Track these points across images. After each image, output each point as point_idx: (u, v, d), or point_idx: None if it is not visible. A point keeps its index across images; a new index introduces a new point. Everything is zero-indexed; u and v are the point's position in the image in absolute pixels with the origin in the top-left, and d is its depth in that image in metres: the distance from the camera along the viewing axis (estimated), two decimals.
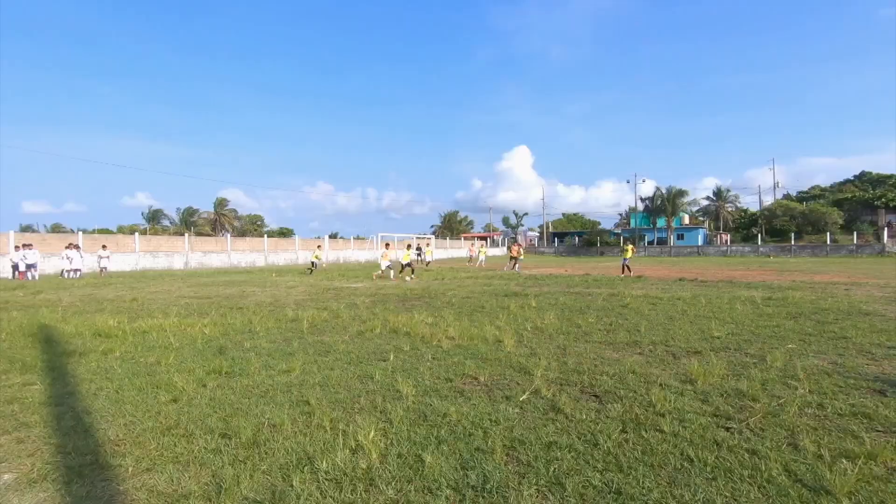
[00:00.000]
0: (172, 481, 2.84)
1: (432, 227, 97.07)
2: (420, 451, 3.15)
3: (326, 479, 2.84)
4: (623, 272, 21.01)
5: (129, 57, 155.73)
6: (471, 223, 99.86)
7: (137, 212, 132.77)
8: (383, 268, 19.90)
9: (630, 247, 22.55)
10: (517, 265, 26.03)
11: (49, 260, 25.68)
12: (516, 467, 2.97)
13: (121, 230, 64.77)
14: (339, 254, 47.60)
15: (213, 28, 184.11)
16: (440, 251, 59.02)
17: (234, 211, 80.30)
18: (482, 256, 37.43)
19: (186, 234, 39.27)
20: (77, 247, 24.92)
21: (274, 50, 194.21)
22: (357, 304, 11.33)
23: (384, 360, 5.73)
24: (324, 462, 3.01)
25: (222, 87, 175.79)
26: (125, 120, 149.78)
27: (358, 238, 58.86)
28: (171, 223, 72.22)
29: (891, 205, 59.94)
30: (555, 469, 2.91)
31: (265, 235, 50.72)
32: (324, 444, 3.29)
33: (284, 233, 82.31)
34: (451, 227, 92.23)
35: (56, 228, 74.77)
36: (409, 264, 20.52)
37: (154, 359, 5.87)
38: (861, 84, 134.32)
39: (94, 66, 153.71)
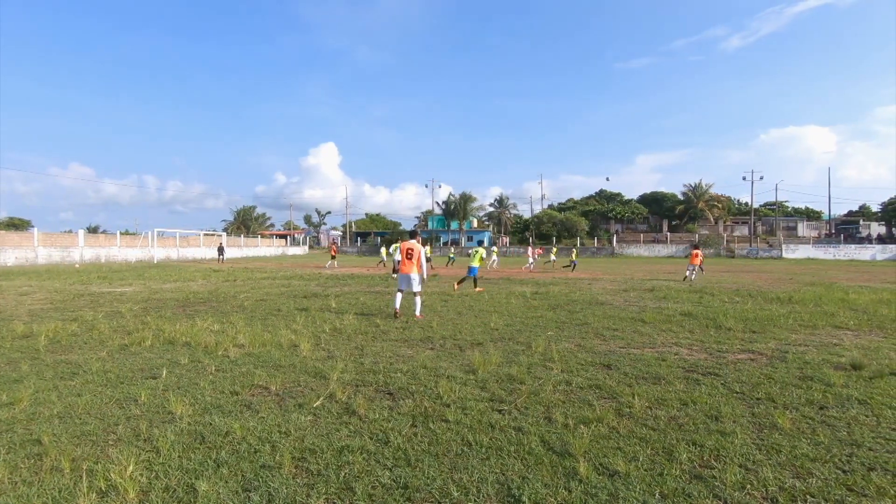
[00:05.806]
0: None
1: (223, 221, 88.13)
2: (193, 480, 2.78)
3: None
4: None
5: None
6: (269, 219, 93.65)
7: None
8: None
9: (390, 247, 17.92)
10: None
11: None
12: (306, 479, 2.85)
13: None
14: (101, 251, 39.46)
15: None
16: (233, 249, 53.81)
17: None
18: (494, 256, 30.92)
19: None
20: None
21: None
22: (122, 313, 9.53)
23: (154, 378, 4.93)
24: None
25: None
26: None
27: (127, 233, 49.86)
28: None
29: (618, 217, 76.77)
30: (345, 474, 2.89)
31: None
32: (59, 493, 2.64)
33: (17, 224, 64.65)
34: (246, 223, 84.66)
35: None
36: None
37: None
38: (601, 120, 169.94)
39: None
